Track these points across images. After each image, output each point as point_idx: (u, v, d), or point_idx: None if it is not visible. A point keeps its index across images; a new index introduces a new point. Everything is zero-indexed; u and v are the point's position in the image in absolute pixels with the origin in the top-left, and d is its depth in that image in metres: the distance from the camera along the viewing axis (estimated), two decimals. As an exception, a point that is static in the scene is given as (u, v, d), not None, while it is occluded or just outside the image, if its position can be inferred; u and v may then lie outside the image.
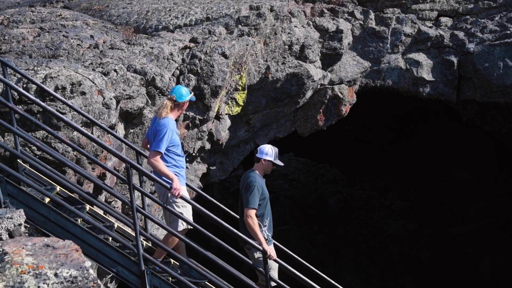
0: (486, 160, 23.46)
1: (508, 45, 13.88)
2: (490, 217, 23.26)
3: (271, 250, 8.11)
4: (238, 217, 8.74)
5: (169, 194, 7.71)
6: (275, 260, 8.31)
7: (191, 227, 7.85)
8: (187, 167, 11.55)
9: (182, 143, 10.76)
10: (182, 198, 7.68)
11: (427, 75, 14.24)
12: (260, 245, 7.94)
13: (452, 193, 24.71)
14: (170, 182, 7.51)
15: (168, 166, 7.79)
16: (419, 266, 21.57)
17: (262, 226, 8.41)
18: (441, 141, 24.11)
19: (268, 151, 8.50)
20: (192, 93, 8.22)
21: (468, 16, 14.82)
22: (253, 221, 8.08)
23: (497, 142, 22.60)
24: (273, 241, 8.66)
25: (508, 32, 14.07)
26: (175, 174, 7.77)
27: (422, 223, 23.27)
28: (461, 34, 14.37)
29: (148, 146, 8.07)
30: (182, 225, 7.89)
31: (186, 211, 7.96)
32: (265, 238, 8.29)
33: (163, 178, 7.63)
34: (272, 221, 8.62)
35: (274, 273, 8.58)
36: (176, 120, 8.44)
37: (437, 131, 23.69)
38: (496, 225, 22.83)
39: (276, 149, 8.62)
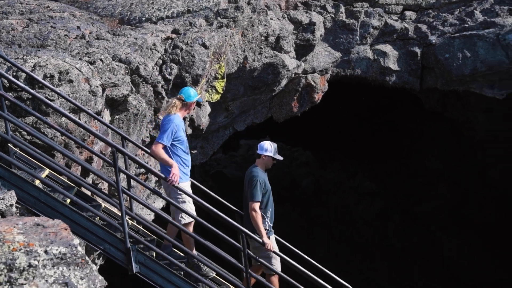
0: (449, 146, 23.75)
1: (466, 37, 14.03)
2: (452, 197, 23.60)
3: (270, 242, 8.23)
4: (218, 197, 9.05)
5: (174, 194, 7.90)
6: (274, 252, 8.44)
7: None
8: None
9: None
10: (184, 192, 7.76)
11: (393, 65, 14.31)
12: (261, 237, 8.09)
13: (417, 177, 24.89)
14: (165, 175, 7.63)
15: (178, 156, 8.02)
16: (386, 242, 21.82)
17: (265, 217, 8.57)
18: (407, 129, 24.34)
19: (268, 147, 8.67)
20: (200, 95, 8.59)
21: (430, 11, 14.97)
22: (257, 214, 8.25)
23: (457, 129, 22.88)
24: (273, 232, 8.77)
25: (466, 25, 14.26)
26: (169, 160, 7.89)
27: (388, 203, 23.49)
28: (424, 27, 14.48)
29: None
30: (184, 219, 7.96)
31: (187, 205, 7.99)
32: (266, 229, 8.43)
33: (160, 171, 7.84)
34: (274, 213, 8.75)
35: (276, 261, 8.69)
36: (184, 119, 8.54)
37: (403, 119, 23.77)
38: (457, 204, 23.20)
39: (275, 145, 8.81)
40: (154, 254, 7.41)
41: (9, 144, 6.90)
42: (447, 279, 19.84)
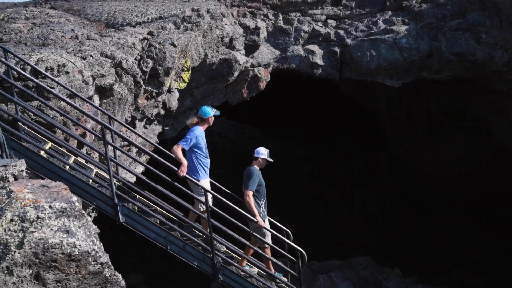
0: (359, 122, 24.27)
1: (372, 40, 14.26)
2: (363, 163, 24.23)
3: (261, 221, 8.17)
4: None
5: (196, 188, 7.93)
6: (266, 228, 8.43)
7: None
8: (147, 128, 11.53)
9: (143, 111, 10.90)
10: (204, 188, 7.72)
11: (319, 61, 14.46)
12: (254, 217, 8.08)
13: (337, 147, 25.44)
14: (188, 173, 7.81)
15: (195, 165, 8.07)
16: (314, 197, 22.08)
17: (260, 204, 8.49)
18: (330, 109, 24.94)
19: (263, 152, 8.68)
20: (215, 110, 8.36)
21: (346, 20, 15.14)
22: (250, 200, 8.19)
23: (366, 110, 23.35)
24: (267, 216, 8.74)
25: (372, 31, 14.59)
26: (199, 171, 8.11)
27: (316, 167, 23.77)
28: (341, 32, 14.68)
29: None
30: (203, 207, 7.97)
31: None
32: (260, 213, 8.37)
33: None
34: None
35: (268, 238, 8.62)
36: (205, 131, 8.42)
37: (327, 102, 24.33)
38: (367, 168, 23.88)
39: (268, 150, 8.77)
40: (136, 208, 7.32)
41: (19, 123, 6.80)
42: (358, 224, 20.23)
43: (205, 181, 8.18)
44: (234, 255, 8.84)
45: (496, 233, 18.22)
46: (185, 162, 7.80)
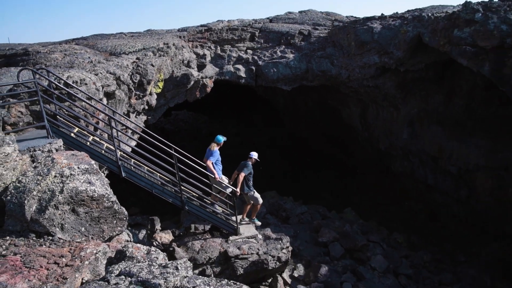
0: (269, 114, 24.69)
1: (274, 62, 14.33)
2: (271, 135, 23.92)
3: (218, 177, 8.18)
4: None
5: (216, 182, 8.09)
6: (255, 196, 8.55)
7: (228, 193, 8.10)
8: (137, 117, 11.34)
9: (134, 107, 10.56)
10: (222, 181, 7.98)
11: (243, 74, 14.42)
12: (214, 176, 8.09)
13: (255, 127, 25.15)
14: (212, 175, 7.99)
15: (216, 170, 8.11)
16: (239, 156, 22.03)
17: (250, 184, 8.45)
18: (250, 104, 24.72)
19: (255, 155, 8.56)
20: (225, 138, 8.50)
21: (258, 50, 15.16)
22: (239, 179, 8.19)
23: (271, 105, 23.84)
24: (252, 187, 8.66)
25: (274, 57, 14.61)
26: (218, 172, 8.18)
27: (243, 138, 23.89)
28: (256, 57, 14.72)
29: (205, 159, 8.26)
30: (225, 193, 8.18)
31: (225, 187, 8.19)
32: (250, 189, 8.42)
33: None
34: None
35: (259, 199, 8.67)
36: (220, 149, 8.48)
37: (248, 100, 24.15)
38: (272, 138, 23.72)
39: (257, 154, 8.63)
40: (132, 167, 7.16)
41: (57, 116, 6.57)
42: (267, 173, 19.38)
43: (222, 176, 8.35)
44: (195, 195, 8.52)
45: (347, 176, 19.49)
46: (216, 173, 8.03)
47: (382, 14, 14.29)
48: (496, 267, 11.03)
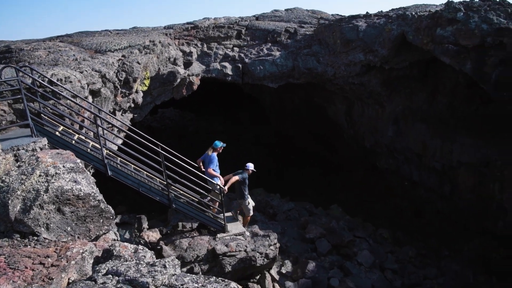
0: (255, 109, 24.73)
1: (260, 60, 14.38)
2: (256, 132, 24.02)
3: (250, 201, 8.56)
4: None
5: (214, 185, 8.11)
6: (248, 207, 8.78)
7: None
8: (123, 115, 11.24)
9: (120, 105, 10.45)
10: (220, 185, 7.99)
11: (229, 72, 14.40)
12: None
13: (241, 125, 25.18)
14: (215, 181, 8.07)
15: (215, 171, 8.21)
16: (225, 153, 22.08)
17: (245, 194, 8.64)
18: (236, 101, 24.72)
19: (251, 166, 8.68)
20: (223, 143, 8.57)
21: (244, 47, 15.11)
22: (234, 179, 8.40)
23: (257, 101, 23.86)
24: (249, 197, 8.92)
25: (260, 54, 14.62)
26: (218, 175, 8.24)
27: (228, 135, 23.93)
28: (242, 55, 14.71)
29: (201, 163, 8.50)
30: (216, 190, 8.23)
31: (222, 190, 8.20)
32: (247, 195, 8.65)
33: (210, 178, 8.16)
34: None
35: (251, 211, 8.88)
36: (218, 155, 8.58)
37: (234, 97, 24.05)
38: (258, 136, 23.92)
39: (253, 165, 8.76)
40: (118, 166, 7.06)
41: (41, 114, 6.50)
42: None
43: (220, 178, 8.34)
44: (182, 193, 8.50)
45: (333, 171, 19.65)
46: (220, 178, 8.17)
47: (367, 12, 14.48)
48: (477, 262, 11.33)
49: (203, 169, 8.51)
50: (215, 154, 8.42)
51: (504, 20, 9.78)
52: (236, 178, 8.37)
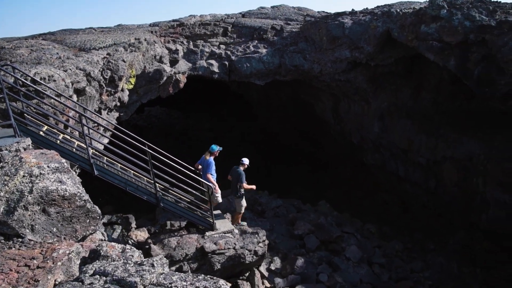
0: (241, 107, 24.79)
1: (247, 57, 14.33)
2: (242, 129, 24.11)
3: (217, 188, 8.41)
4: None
5: (214, 189, 8.12)
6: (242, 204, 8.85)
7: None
8: (109, 114, 11.17)
9: (106, 104, 10.43)
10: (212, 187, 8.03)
11: (216, 69, 14.30)
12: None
13: (227, 122, 25.33)
14: (212, 185, 8.09)
15: (212, 175, 8.27)
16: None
17: (241, 191, 8.72)
18: (224, 99, 24.78)
19: (246, 161, 8.76)
20: (219, 147, 8.49)
21: (231, 45, 15.04)
22: (246, 186, 8.58)
23: (245, 99, 23.89)
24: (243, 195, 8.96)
25: (247, 52, 14.55)
26: (213, 177, 8.27)
27: (215, 132, 23.95)
28: (229, 52, 14.62)
29: (199, 167, 8.51)
30: (219, 199, 8.49)
31: (218, 194, 8.42)
32: (242, 193, 8.73)
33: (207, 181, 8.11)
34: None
35: (243, 208, 8.93)
36: (215, 158, 8.54)
37: (222, 95, 24.14)
38: (244, 133, 24.00)
39: (248, 160, 8.83)
40: (105, 166, 7.00)
41: (25, 114, 6.44)
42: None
43: (216, 187, 8.38)
44: (171, 191, 8.45)
45: (321, 169, 19.85)
46: (216, 185, 8.26)
47: (352, 9, 14.62)
48: (462, 255, 11.61)
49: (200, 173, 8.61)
50: (212, 158, 8.40)
51: (486, 17, 10.01)
52: (253, 187, 8.81)
